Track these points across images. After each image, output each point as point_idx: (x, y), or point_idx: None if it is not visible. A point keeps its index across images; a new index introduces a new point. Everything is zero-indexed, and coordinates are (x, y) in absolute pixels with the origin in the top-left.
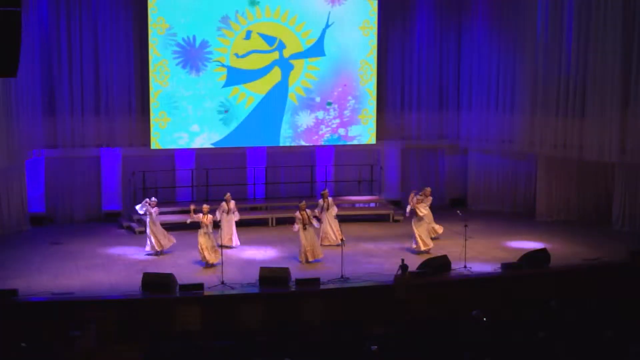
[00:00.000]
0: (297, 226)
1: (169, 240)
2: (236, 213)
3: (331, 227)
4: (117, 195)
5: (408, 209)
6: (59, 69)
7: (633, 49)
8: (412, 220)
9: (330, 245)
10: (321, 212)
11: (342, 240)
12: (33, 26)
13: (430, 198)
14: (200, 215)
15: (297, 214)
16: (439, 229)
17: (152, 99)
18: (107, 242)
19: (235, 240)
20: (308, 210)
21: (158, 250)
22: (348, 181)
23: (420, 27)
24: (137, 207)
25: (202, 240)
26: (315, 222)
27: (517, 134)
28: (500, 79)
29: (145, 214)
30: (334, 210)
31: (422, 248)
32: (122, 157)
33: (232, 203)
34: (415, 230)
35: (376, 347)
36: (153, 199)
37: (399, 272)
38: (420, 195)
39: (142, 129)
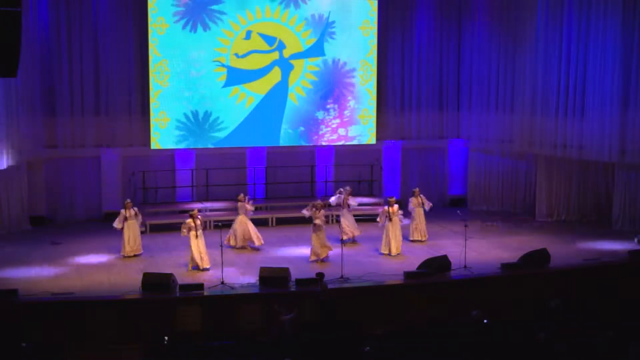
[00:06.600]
0: (318, 221)
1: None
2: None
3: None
4: (117, 195)
5: (411, 208)
6: (59, 69)
7: (633, 49)
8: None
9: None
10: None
11: (341, 240)
12: (33, 26)
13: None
14: (190, 220)
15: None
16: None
17: (152, 99)
18: (107, 242)
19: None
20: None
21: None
22: (348, 181)
23: (420, 27)
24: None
25: (194, 244)
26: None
27: (517, 134)
28: (500, 79)
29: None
30: (354, 202)
31: (383, 249)
32: (122, 157)
33: (250, 203)
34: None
35: (368, 348)
36: (128, 200)
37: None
38: (390, 199)
39: (142, 129)
